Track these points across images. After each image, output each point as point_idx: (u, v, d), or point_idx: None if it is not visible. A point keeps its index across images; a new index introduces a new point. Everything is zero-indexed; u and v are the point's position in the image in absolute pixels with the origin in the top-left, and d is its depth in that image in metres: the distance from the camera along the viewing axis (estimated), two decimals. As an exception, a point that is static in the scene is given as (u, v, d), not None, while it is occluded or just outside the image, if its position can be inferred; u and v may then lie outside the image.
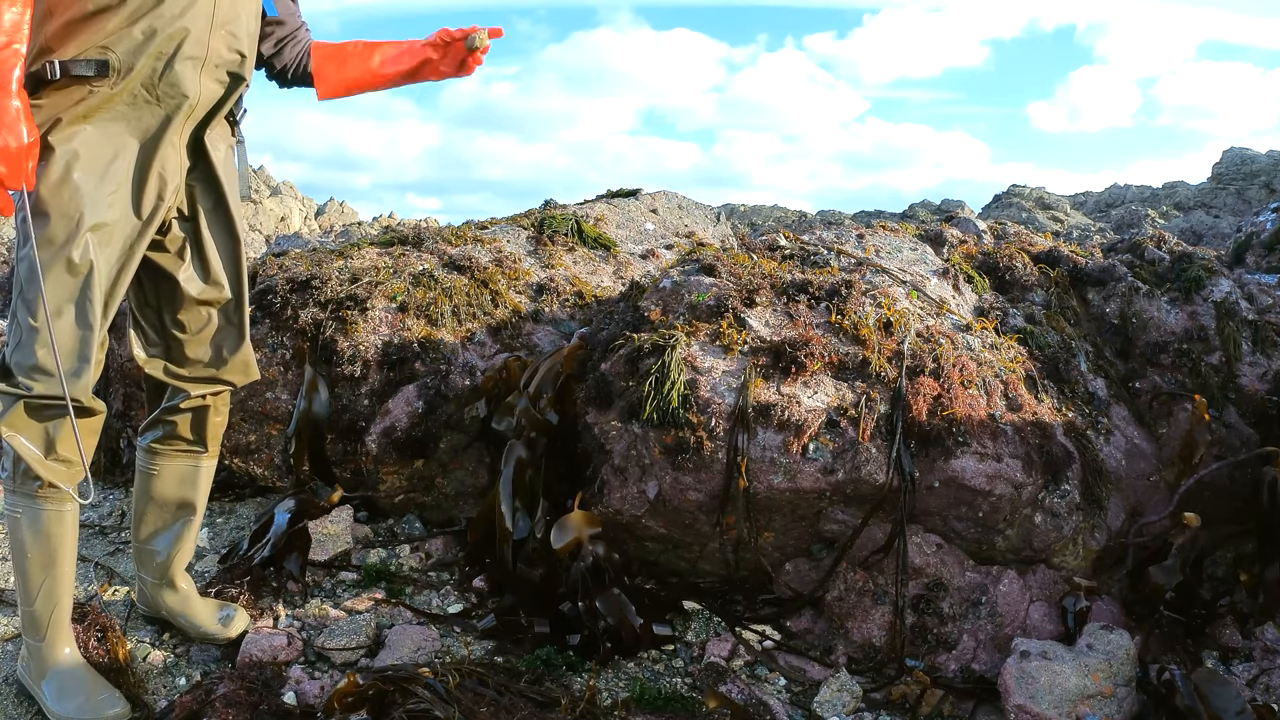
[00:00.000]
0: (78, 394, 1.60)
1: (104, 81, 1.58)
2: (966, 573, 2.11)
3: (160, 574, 1.96)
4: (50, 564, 1.67)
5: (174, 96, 1.65)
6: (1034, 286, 2.72)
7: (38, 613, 1.68)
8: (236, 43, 1.71)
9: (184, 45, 1.63)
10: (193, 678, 1.87)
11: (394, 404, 2.59)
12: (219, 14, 1.66)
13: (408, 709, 1.57)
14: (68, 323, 1.58)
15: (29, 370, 1.57)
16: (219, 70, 1.70)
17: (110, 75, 1.58)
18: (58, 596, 1.69)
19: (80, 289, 1.58)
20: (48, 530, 1.66)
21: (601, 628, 2.03)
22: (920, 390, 2.11)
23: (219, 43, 1.68)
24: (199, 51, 1.65)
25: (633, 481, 2.14)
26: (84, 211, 1.56)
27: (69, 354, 1.59)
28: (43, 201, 1.55)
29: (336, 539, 2.40)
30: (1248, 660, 2.07)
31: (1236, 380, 2.51)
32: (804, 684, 2.01)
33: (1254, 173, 22.22)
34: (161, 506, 1.93)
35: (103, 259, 1.60)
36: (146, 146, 1.64)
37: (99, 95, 1.58)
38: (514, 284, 3.04)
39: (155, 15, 1.60)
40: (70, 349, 1.59)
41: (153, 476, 1.92)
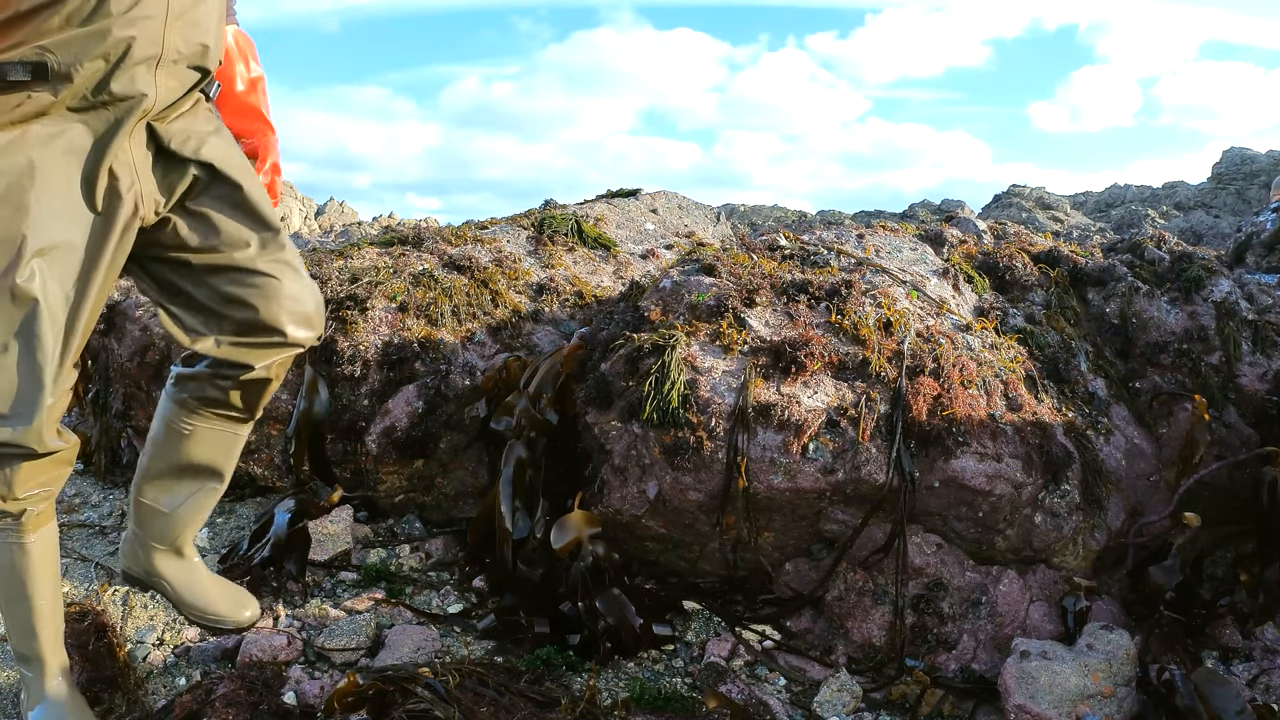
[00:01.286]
0: (27, 440, 1.45)
1: (43, 87, 1.41)
2: (966, 573, 2.11)
3: (162, 536, 1.80)
4: (18, 598, 1.57)
5: (126, 100, 1.48)
6: (1034, 286, 2.72)
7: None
8: (198, 33, 1.53)
9: (134, 47, 1.45)
10: (193, 678, 1.87)
11: (394, 404, 2.59)
12: (174, 5, 1.48)
13: (408, 709, 1.57)
14: (11, 361, 1.42)
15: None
16: (177, 66, 1.53)
17: (50, 80, 1.41)
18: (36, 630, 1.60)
19: (24, 321, 1.42)
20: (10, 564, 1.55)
21: (601, 628, 2.03)
22: (920, 390, 2.11)
23: (176, 36, 1.49)
24: (153, 50, 1.47)
25: (633, 481, 2.14)
26: (26, 234, 1.40)
27: (12, 396, 1.43)
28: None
29: (336, 539, 2.40)
30: (1248, 660, 2.07)
31: (1236, 380, 2.51)
32: (804, 684, 2.01)
33: (1254, 173, 22.21)
34: (184, 469, 1.77)
35: (55, 284, 1.44)
36: (95, 153, 1.47)
37: (36, 102, 1.42)
38: (514, 284, 3.04)
39: (100, 13, 1.41)
40: (13, 390, 1.43)
41: (183, 436, 1.75)
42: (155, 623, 2.08)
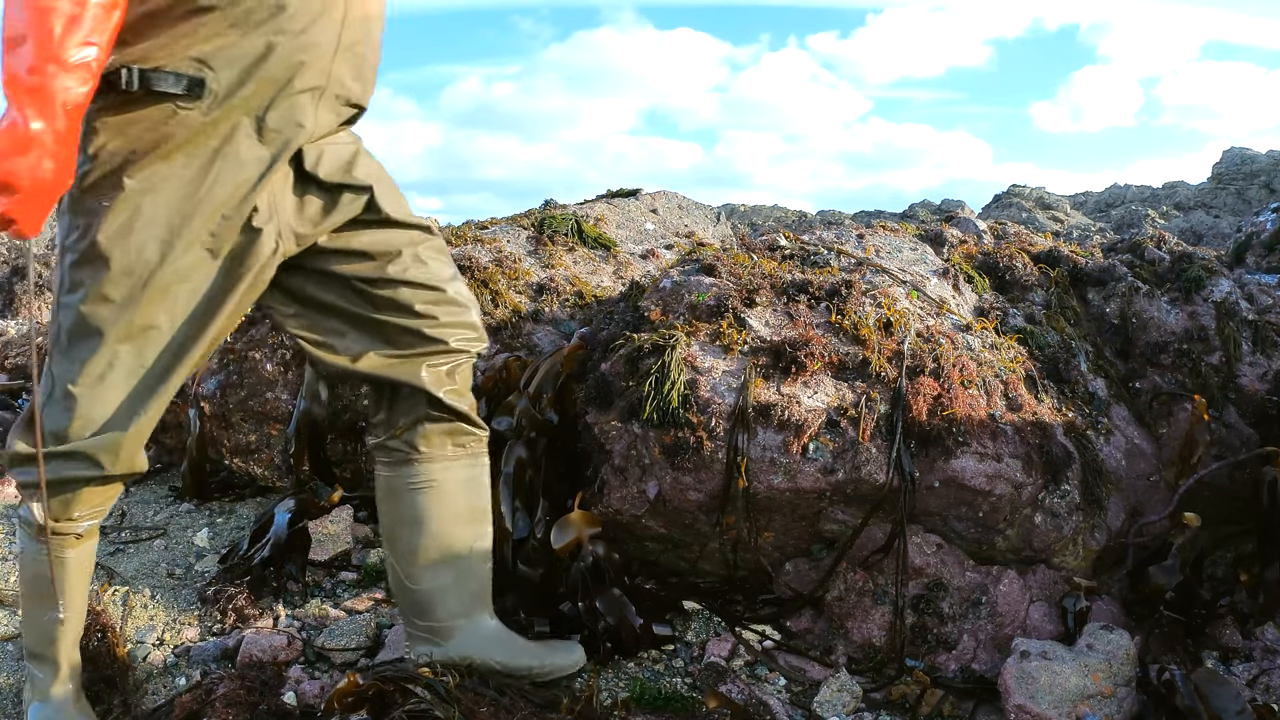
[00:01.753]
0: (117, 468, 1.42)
1: (194, 105, 1.28)
2: (966, 573, 2.11)
3: (463, 608, 1.68)
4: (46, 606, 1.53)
5: (284, 134, 1.35)
6: (1034, 286, 2.72)
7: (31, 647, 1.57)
8: (363, 68, 1.42)
9: (303, 72, 1.32)
10: (193, 678, 1.87)
11: (394, 404, 2.59)
12: (346, 33, 1.35)
13: (408, 709, 1.57)
14: (113, 390, 1.37)
15: (56, 435, 1.39)
16: (338, 101, 1.40)
17: (205, 98, 1.29)
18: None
19: (136, 355, 1.36)
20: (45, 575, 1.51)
21: (601, 628, 2.03)
22: (920, 390, 2.11)
23: (344, 69, 1.37)
24: (318, 81, 1.35)
25: (633, 481, 2.14)
26: (154, 270, 1.32)
27: (107, 420, 1.38)
28: (101, 249, 1.31)
29: (336, 539, 2.40)
30: (1248, 660, 2.07)
31: (1236, 380, 2.51)
32: (804, 684, 2.01)
33: (1254, 173, 22.22)
34: (444, 530, 1.64)
35: (168, 323, 1.36)
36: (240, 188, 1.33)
37: (185, 123, 1.29)
38: (514, 284, 3.04)
39: (272, 27, 1.28)
40: (109, 416, 1.38)
41: (426, 492, 1.62)
42: (155, 623, 2.08)
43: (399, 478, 1.65)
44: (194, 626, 2.07)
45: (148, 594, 2.20)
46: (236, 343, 2.71)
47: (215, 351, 2.75)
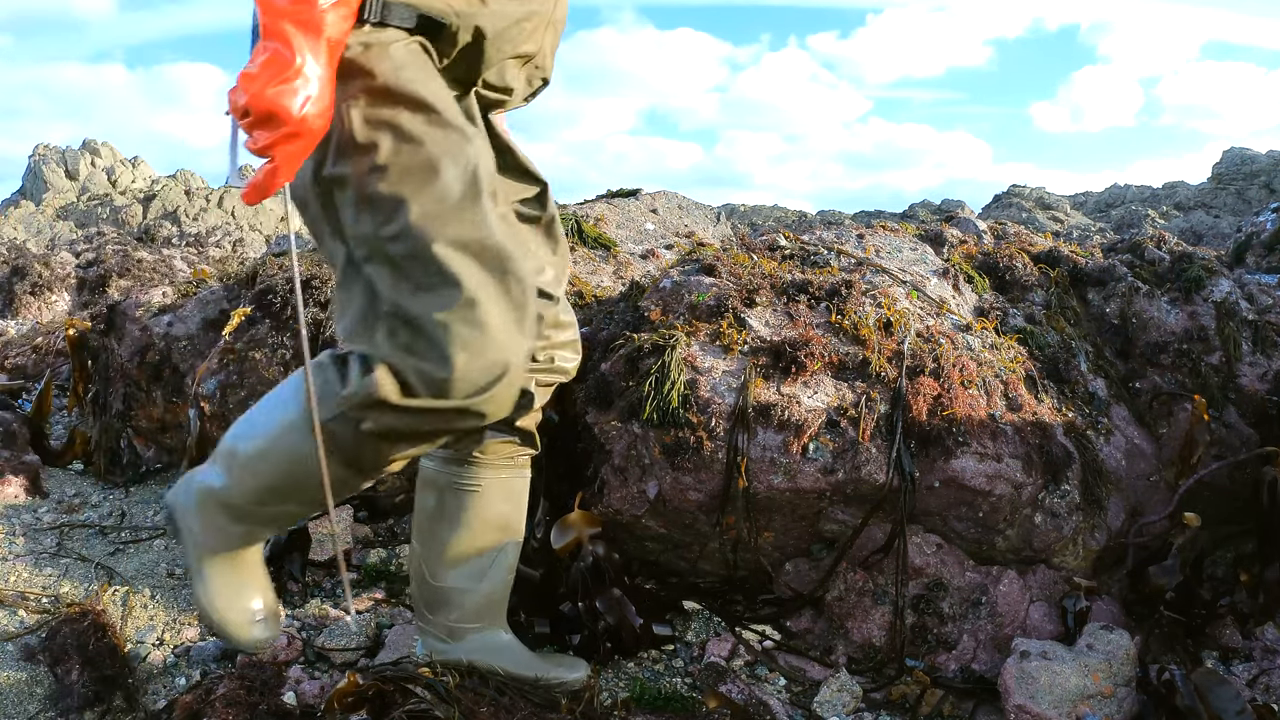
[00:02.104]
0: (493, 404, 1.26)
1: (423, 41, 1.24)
2: (966, 573, 2.11)
3: (479, 614, 1.69)
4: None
5: (497, 93, 1.35)
6: (1034, 286, 2.72)
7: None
8: (556, 42, 1.41)
9: (530, 34, 1.32)
10: (193, 678, 1.87)
11: (394, 404, 2.58)
12: (560, 8, 1.35)
13: (408, 709, 1.57)
14: (501, 310, 1.22)
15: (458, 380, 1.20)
16: (536, 74, 1.40)
17: (443, 43, 1.26)
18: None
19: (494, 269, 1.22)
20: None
21: (601, 628, 2.03)
22: (920, 390, 2.11)
23: (549, 41, 1.37)
24: (531, 48, 1.35)
25: (633, 481, 2.14)
26: (482, 179, 1.24)
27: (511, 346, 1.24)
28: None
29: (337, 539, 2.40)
30: (1248, 660, 2.07)
31: (1236, 380, 2.51)
32: (804, 684, 2.01)
33: (1254, 173, 22.23)
34: (477, 534, 1.64)
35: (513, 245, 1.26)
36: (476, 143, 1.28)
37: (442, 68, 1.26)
38: (514, 284, 3.04)
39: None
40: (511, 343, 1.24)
41: (470, 495, 1.62)
42: (155, 623, 2.08)
43: (447, 474, 1.65)
44: (194, 626, 2.07)
45: (148, 594, 2.20)
46: (236, 343, 2.71)
47: (215, 351, 2.75)
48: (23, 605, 2.07)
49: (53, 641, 1.85)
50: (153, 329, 2.98)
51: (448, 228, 1.20)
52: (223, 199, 43.73)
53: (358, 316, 1.27)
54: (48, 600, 2.12)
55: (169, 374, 2.93)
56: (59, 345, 4.48)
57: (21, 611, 2.04)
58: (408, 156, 1.20)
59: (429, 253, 1.19)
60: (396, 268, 1.21)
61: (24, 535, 2.50)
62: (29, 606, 2.07)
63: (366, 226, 1.22)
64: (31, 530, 2.54)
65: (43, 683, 1.79)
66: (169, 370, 2.92)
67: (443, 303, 1.19)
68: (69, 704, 1.71)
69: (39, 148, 49.43)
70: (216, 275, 3.35)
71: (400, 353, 1.22)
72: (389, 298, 1.22)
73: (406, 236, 1.20)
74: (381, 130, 1.19)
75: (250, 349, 2.70)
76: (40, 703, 1.73)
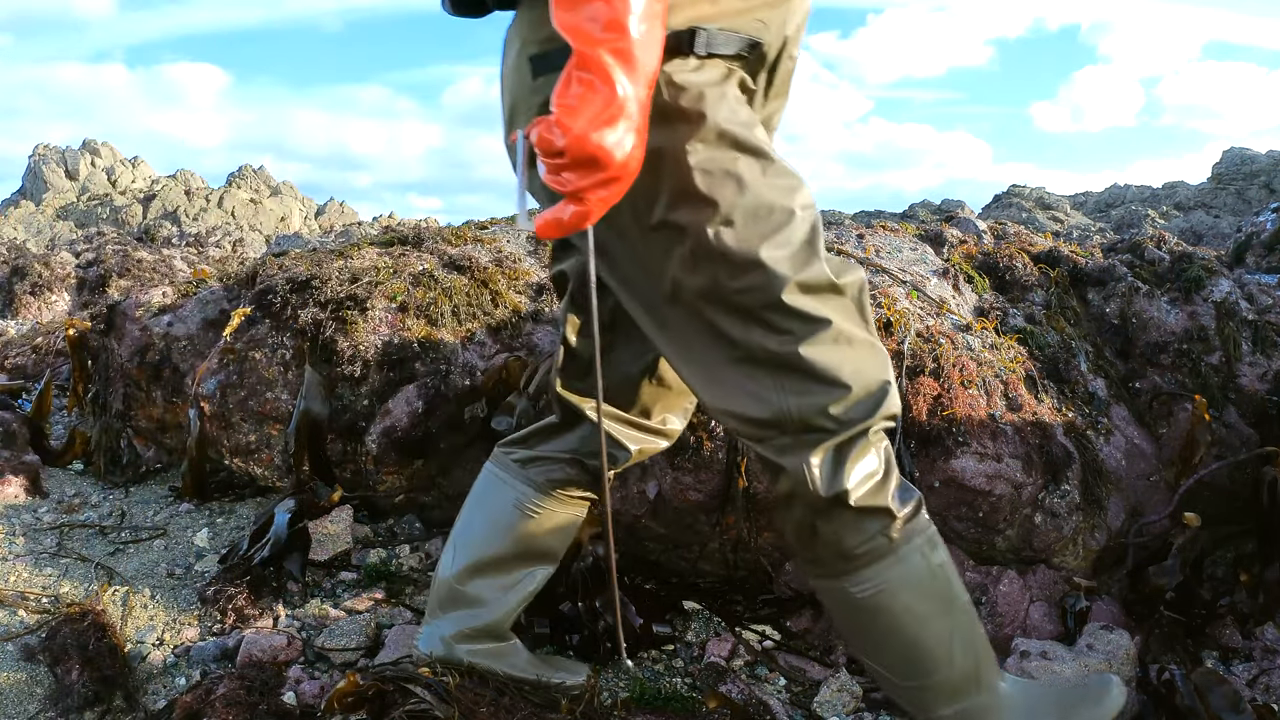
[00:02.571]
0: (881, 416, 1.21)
1: (739, 67, 1.19)
2: (966, 573, 2.11)
3: (488, 629, 1.68)
4: (949, 600, 1.27)
5: (773, 103, 1.29)
6: (1034, 286, 2.72)
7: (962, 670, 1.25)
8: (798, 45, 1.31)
9: (799, 32, 1.23)
10: (193, 678, 1.87)
11: (394, 404, 2.59)
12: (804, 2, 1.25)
13: (407, 709, 1.57)
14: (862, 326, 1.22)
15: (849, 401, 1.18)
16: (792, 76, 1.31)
17: (756, 65, 1.21)
18: (975, 634, 1.27)
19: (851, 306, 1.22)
20: (937, 563, 1.27)
21: (601, 628, 2.03)
22: (920, 390, 2.11)
23: (795, 37, 1.26)
24: (795, 48, 1.26)
25: (633, 481, 2.14)
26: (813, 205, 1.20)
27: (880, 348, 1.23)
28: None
29: (336, 539, 2.40)
30: (1248, 660, 2.07)
31: (1236, 380, 2.51)
32: (804, 684, 2.01)
33: (1254, 173, 22.23)
34: (523, 554, 1.64)
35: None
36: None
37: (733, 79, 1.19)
38: (514, 284, 3.04)
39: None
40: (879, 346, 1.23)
41: (530, 519, 1.61)
42: (155, 623, 2.08)
43: (517, 492, 1.64)
44: (194, 626, 2.07)
45: (148, 594, 2.20)
46: (236, 343, 2.71)
47: (215, 351, 2.75)
48: (23, 605, 2.07)
49: (53, 641, 1.85)
50: (153, 329, 2.98)
51: (796, 274, 1.16)
52: (223, 199, 43.71)
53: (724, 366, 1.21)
54: (48, 600, 2.12)
55: (169, 374, 2.93)
56: (59, 345, 4.48)
57: (21, 611, 2.04)
58: (750, 207, 1.14)
59: (780, 302, 1.15)
60: (747, 315, 1.17)
61: (24, 535, 2.50)
62: (29, 606, 2.07)
63: (704, 278, 1.16)
64: (31, 530, 2.54)
65: (43, 683, 1.79)
66: (169, 370, 2.93)
67: (811, 338, 1.17)
68: (69, 704, 1.71)
69: (39, 148, 49.40)
70: (216, 275, 3.35)
71: (796, 397, 1.18)
72: (747, 341, 1.18)
73: (756, 290, 1.16)
74: (723, 180, 1.13)
75: (250, 349, 2.70)
76: (40, 703, 1.73)
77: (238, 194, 44.86)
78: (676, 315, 1.22)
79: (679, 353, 1.26)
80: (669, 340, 1.26)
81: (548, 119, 1.01)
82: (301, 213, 47.94)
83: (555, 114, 0.99)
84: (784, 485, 1.22)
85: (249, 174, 48.85)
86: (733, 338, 1.19)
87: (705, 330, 1.20)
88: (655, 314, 1.25)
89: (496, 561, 1.65)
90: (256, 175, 49.21)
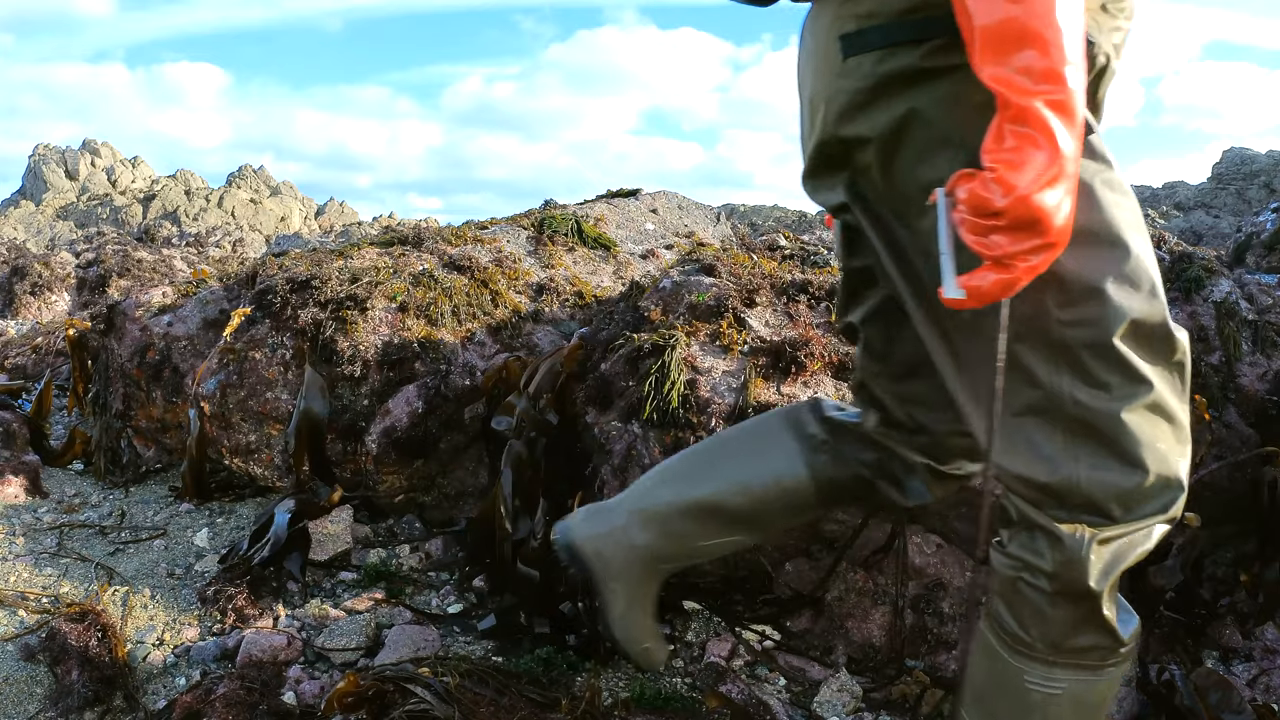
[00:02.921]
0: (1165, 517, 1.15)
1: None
2: (967, 573, 2.11)
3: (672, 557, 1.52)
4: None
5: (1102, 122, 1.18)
6: (1034, 286, 2.73)
7: None
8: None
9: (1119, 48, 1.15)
10: (192, 678, 1.87)
11: (394, 404, 2.59)
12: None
13: (407, 709, 1.57)
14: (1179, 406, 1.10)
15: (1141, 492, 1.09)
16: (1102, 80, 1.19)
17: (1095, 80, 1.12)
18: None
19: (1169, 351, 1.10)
20: (1111, 692, 1.19)
21: (601, 627, 2.03)
22: (920, 390, 2.11)
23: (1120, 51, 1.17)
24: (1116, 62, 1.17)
25: (633, 481, 2.14)
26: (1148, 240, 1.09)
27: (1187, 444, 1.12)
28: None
29: (336, 539, 2.40)
30: (1248, 660, 2.07)
31: (1236, 380, 2.51)
32: (804, 684, 2.01)
33: (1254, 173, 22.22)
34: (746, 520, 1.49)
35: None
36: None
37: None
38: (514, 284, 3.04)
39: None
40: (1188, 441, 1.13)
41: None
42: (155, 623, 2.08)
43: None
44: (194, 626, 2.07)
45: (148, 594, 2.20)
46: (236, 343, 2.71)
47: (215, 351, 2.75)
48: (23, 605, 2.07)
49: (53, 641, 1.85)
50: (153, 329, 2.98)
51: (1135, 312, 1.04)
52: (222, 199, 43.72)
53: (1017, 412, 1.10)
54: (48, 600, 2.12)
55: (169, 374, 2.93)
56: (59, 345, 4.48)
57: (21, 611, 2.04)
58: (1098, 227, 1.04)
59: (1110, 345, 1.04)
60: (1064, 354, 1.06)
61: (24, 535, 2.50)
62: (29, 606, 2.07)
63: (1026, 304, 1.04)
64: (31, 530, 2.54)
65: (43, 683, 1.79)
66: (169, 370, 2.93)
67: (1129, 401, 1.06)
68: (69, 704, 1.71)
69: (39, 148, 49.38)
70: (216, 275, 3.35)
71: (1089, 470, 1.07)
72: (1054, 387, 1.07)
73: (1088, 324, 1.04)
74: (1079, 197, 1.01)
75: (250, 349, 2.70)
76: (40, 703, 1.73)
77: (238, 194, 44.88)
78: (974, 346, 1.11)
79: (967, 390, 1.15)
80: (958, 373, 1.15)
81: (981, 175, 0.92)
82: (301, 213, 47.95)
83: (993, 170, 0.91)
84: (1049, 557, 1.11)
85: (249, 174, 48.85)
86: (1037, 379, 1.07)
87: (1007, 369, 1.07)
88: (948, 341, 1.15)
89: (710, 503, 1.47)
90: (256, 175, 49.21)
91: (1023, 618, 1.15)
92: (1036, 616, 1.14)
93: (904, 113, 1.07)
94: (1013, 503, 1.15)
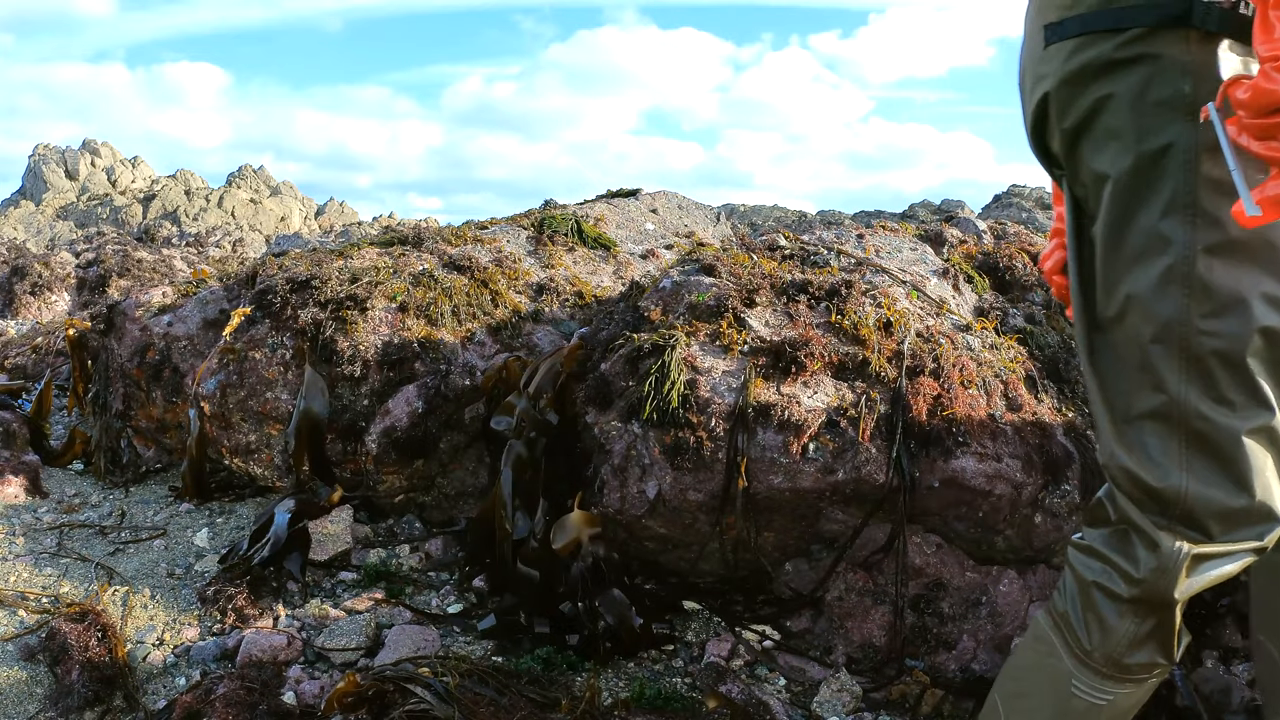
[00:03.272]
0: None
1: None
2: (966, 573, 2.11)
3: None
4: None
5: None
6: (1034, 286, 2.72)
7: None
8: None
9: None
10: (192, 678, 1.87)
11: (394, 404, 2.59)
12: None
13: (407, 709, 1.57)
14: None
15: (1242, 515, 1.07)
16: None
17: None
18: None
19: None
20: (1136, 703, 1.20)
21: (601, 628, 2.03)
22: (920, 390, 2.11)
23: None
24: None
25: (633, 481, 2.14)
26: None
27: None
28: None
29: (336, 539, 2.40)
30: (1248, 660, 2.07)
31: None
32: (804, 684, 2.01)
33: None
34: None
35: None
36: None
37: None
38: (514, 284, 3.04)
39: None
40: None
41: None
42: (155, 623, 2.08)
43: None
44: (194, 626, 2.07)
45: (148, 594, 2.20)
46: (236, 343, 2.71)
47: (215, 351, 2.75)
48: (23, 605, 2.07)
49: (53, 641, 1.85)
50: (153, 329, 2.98)
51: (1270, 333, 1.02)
52: (222, 199, 43.67)
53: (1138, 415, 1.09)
54: (48, 600, 2.12)
55: (169, 374, 2.93)
56: (59, 345, 4.48)
57: (21, 611, 2.05)
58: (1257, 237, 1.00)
59: (1243, 362, 1.02)
60: (1195, 364, 1.04)
61: (24, 535, 2.50)
62: (29, 606, 2.07)
63: (1169, 306, 1.02)
64: (31, 530, 2.54)
65: (43, 683, 1.79)
66: (169, 370, 2.93)
67: (1252, 422, 1.03)
68: (69, 704, 1.71)
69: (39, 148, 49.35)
70: (216, 275, 3.35)
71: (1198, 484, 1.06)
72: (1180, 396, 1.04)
73: (1226, 336, 1.02)
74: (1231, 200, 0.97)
75: (250, 349, 2.70)
76: (40, 703, 1.73)
77: (238, 194, 44.87)
78: (1110, 342, 1.10)
79: (1096, 383, 1.14)
80: (1091, 366, 1.14)
81: (1260, 70, 0.87)
82: (301, 213, 47.93)
83: (1274, 59, 0.85)
84: (1142, 562, 1.09)
85: (249, 174, 48.83)
86: (1164, 384, 1.05)
87: (1137, 368, 1.06)
88: (1089, 334, 1.14)
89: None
90: (256, 175, 49.20)
91: (1089, 624, 1.15)
92: (1101, 627, 1.14)
93: (1092, 103, 1.07)
94: (1115, 500, 1.14)
